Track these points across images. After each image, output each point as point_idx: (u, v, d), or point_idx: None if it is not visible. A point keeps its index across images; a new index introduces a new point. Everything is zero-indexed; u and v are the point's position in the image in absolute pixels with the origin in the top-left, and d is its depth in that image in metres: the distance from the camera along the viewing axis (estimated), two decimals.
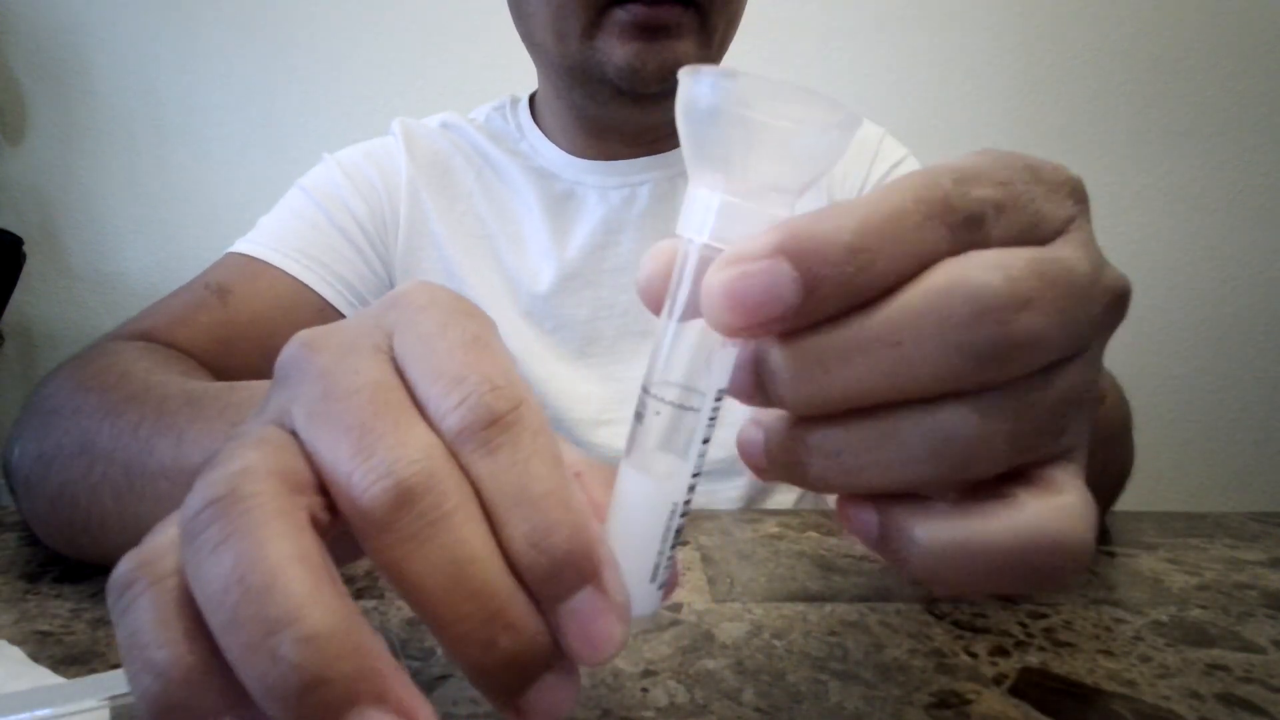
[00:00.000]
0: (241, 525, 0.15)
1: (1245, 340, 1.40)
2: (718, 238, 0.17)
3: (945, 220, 0.16)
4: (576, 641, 0.16)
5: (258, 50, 1.33)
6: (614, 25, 0.51)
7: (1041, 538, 0.16)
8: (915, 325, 0.15)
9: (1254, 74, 1.32)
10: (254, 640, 0.14)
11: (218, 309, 0.51)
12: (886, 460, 0.16)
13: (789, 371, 0.16)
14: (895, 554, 0.17)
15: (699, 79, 0.16)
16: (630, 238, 0.60)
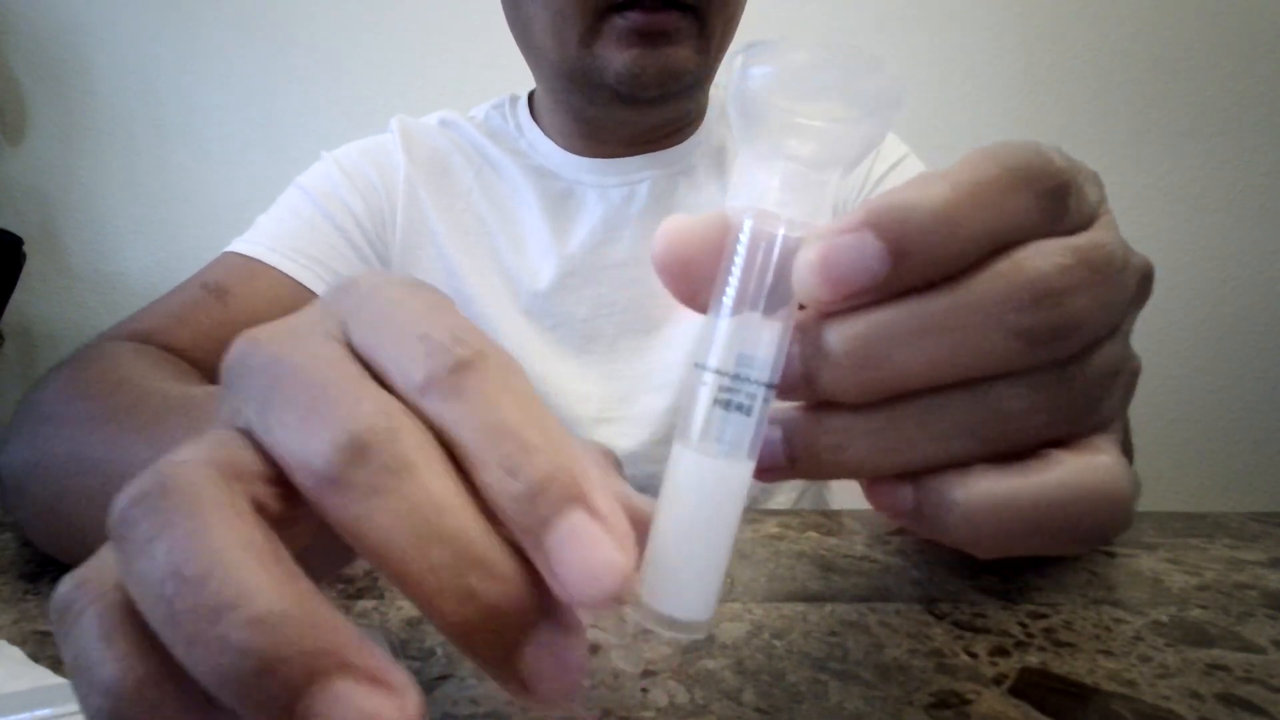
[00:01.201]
0: (173, 517, 0.13)
1: (1245, 340, 1.40)
2: (779, 207, 0.17)
3: (1033, 189, 0.16)
4: (571, 573, 0.14)
5: (258, 50, 1.33)
6: (613, 31, 0.51)
7: (1085, 491, 0.16)
8: (976, 308, 0.16)
9: (1254, 74, 1.32)
10: (198, 631, 0.13)
11: (216, 309, 0.51)
12: (929, 438, 0.16)
13: (850, 356, 0.16)
14: (932, 522, 0.17)
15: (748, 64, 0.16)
16: (630, 235, 0.60)
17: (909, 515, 0.17)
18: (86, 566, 0.15)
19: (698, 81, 0.55)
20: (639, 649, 0.30)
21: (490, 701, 0.26)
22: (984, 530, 0.16)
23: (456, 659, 0.29)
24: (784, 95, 0.16)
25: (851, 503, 0.51)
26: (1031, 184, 0.16)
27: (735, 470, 0.17)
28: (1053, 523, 0.16)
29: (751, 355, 0.17)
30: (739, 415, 0.17)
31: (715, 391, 0.17)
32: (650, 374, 0.58)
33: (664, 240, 0.18)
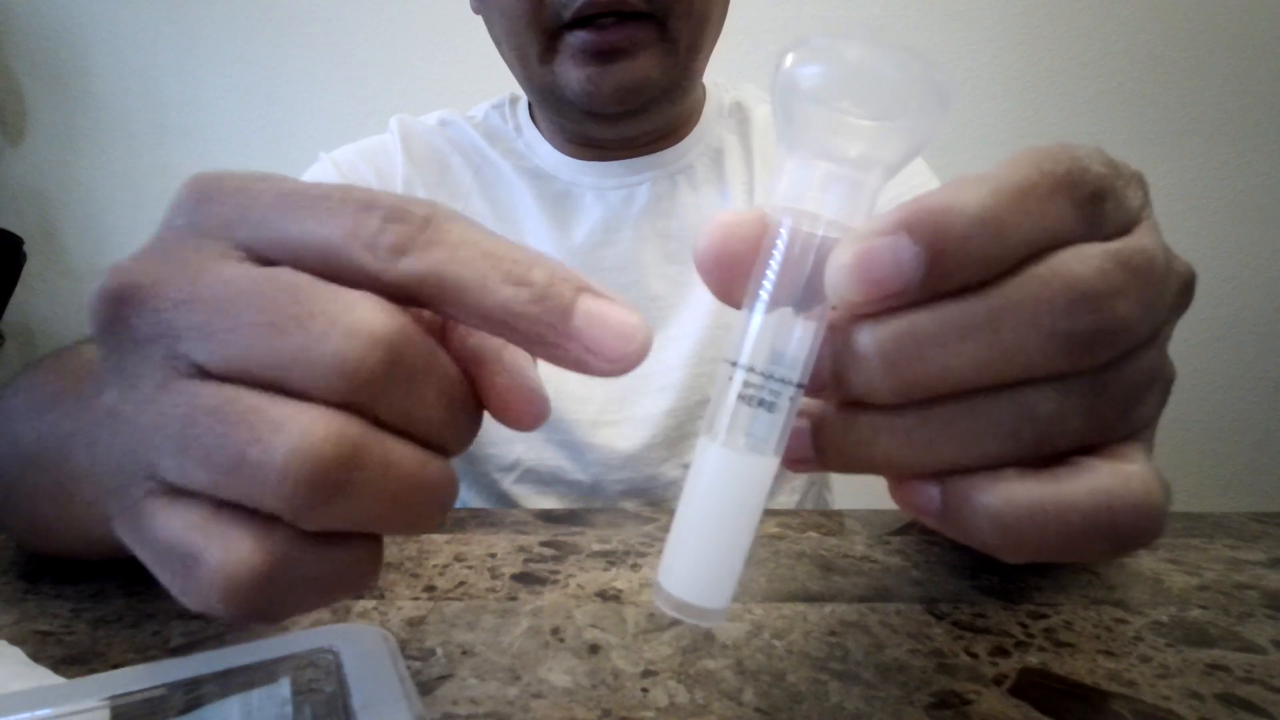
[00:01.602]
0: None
1: (1245, 340, 1.40)
2: (819, 207, 0.16)
3: (1071, 195, 0.16)
4: (604, 340, 0.16)
5: (258, 50, 1.33)
6: (567, 50, 0.51)
7: (1119, 499, 0.16)
8: (1014, 312, 0.15)
9: (1254, 74, 1.32)
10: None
11: None
12: (959, 439, 0.16)
13: (883, 357, 0.16)
14: (960, 524, 0.17)
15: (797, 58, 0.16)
16: (628, 237, 0.60)
17: (935, 516, 0.17)
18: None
19: (668, 89, 0.54)
20: (639, 648, 0.30)
21: (490, 702, 0.26)
22: (1013, 536, 0.16)
23: (456, 659, 0.29)
24: (832, 95, 0.16)
25: (852, 503, 0.51)
26: (1069, 190, 0.16)
27: (760, 466, 0.17)
28: (1084, 531, 0.16)
29: (782, 354, 0.17)
30: (766, 412, 0.17)
31: (743, 388, 0.17)
32: (650, 376, 0.58)
33: (706, 237, 0.18)
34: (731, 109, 0.65)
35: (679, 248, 0.60)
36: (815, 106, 0.16)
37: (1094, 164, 0.16)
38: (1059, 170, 0.16)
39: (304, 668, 0.24)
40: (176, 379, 0.15)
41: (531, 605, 0.33)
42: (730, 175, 0.62)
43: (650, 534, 0.41)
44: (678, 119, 0.61)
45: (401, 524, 0.16)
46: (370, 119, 0.67)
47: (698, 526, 0.18)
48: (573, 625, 0.31)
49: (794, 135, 0.17)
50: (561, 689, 0.27)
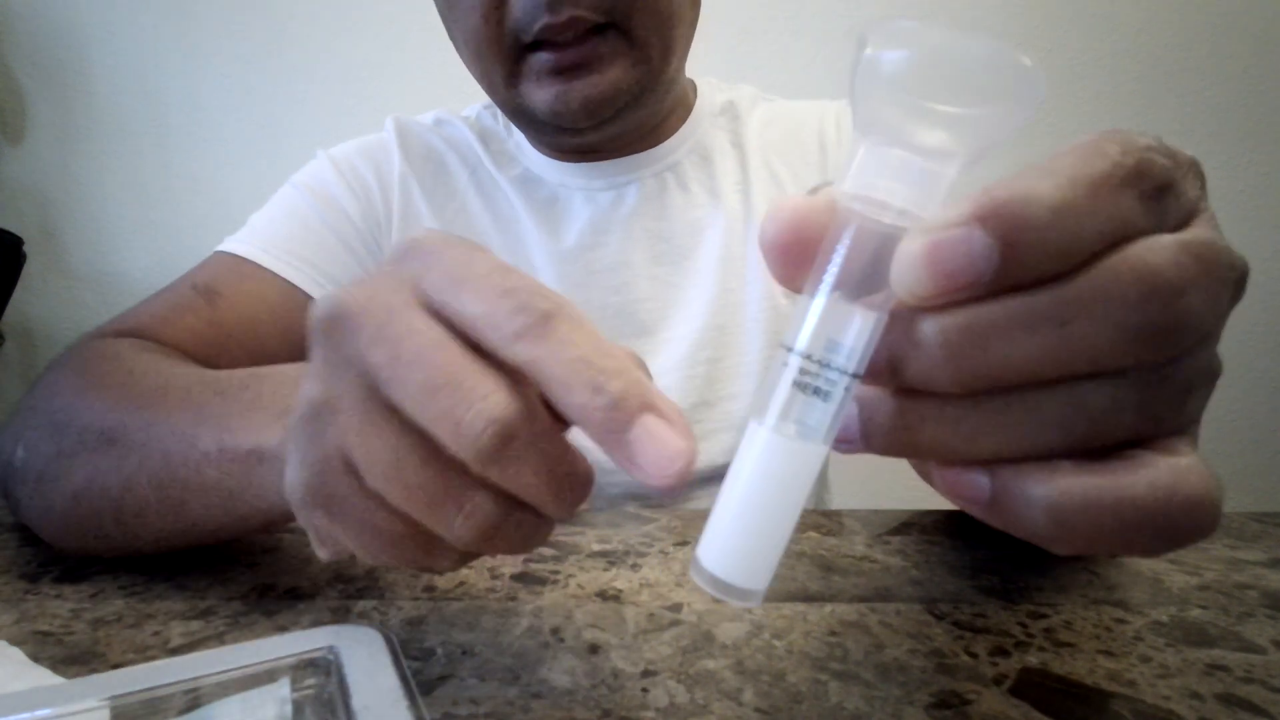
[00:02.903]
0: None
1: (1245, 340, 1.40)
2: (891, 196, 0.16)
3: (1139, 187, 0.16)
4: (650, 459, 0.18)
5: (258, 50, 1.33)
6: (532, 70, 0.51)
7: (1178, 494, 0.16)
8: (1085, 304, 0.15)
9: (1254, 74, 1.32)
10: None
11: (205, 311, 0.51)
12: (1013, 427, 0.16)
13: (947, 348, 0.16)
14: (1010, 515, 0.17)
15: (880, 43, 0.16)
16: (617, 238, 0.60)
17: (983, 505, 0.17)
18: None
19: (640, 95, 0.53)
20: (639, 648, 0.30)
21: (490, 702, 0.26)
22: (1067, 528, 0.16)
23: (456, 659, 0.29)
24: (913, 80, 0.15)
25: (851, 503, 0.51)
26: (1138, 182, 0.16)
27: (808, 453, 0.17)
28: (1140, 525, 0.16)
29: (840, 343, 0.17)
30: (820, 401, 0.17)
31: (799, 374, 0.17)
32: None
33: (774, 222, 0.18)
34: (723, 108, 0.65)
35: (668, 249, 0.60)
36: (893, 92, 0.16)
37: (1159, 155, 0.16)
38: (1129, 162, 0.16)
39: (304, 668, 0.24)
40: (370, 399, 0.20)
41: (531, 605, 0.33)
42: (721, 176, 0.61)
43: (650, 534, 0.41)
44: (656, 118, 0.60)
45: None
46: (369, 119, 0.67)
47: (742, 509, 0.18)
48: (573, 625, 0.31)
49: (871, 122, 0.16)
50: (561, 689, 0.27)
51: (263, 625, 0.31)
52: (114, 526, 0.34)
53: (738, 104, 0.65)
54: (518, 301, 0.19)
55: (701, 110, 0.64)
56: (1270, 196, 1.36)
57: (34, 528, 0.38)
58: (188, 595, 0.34)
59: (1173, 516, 0.15)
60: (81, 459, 0.35)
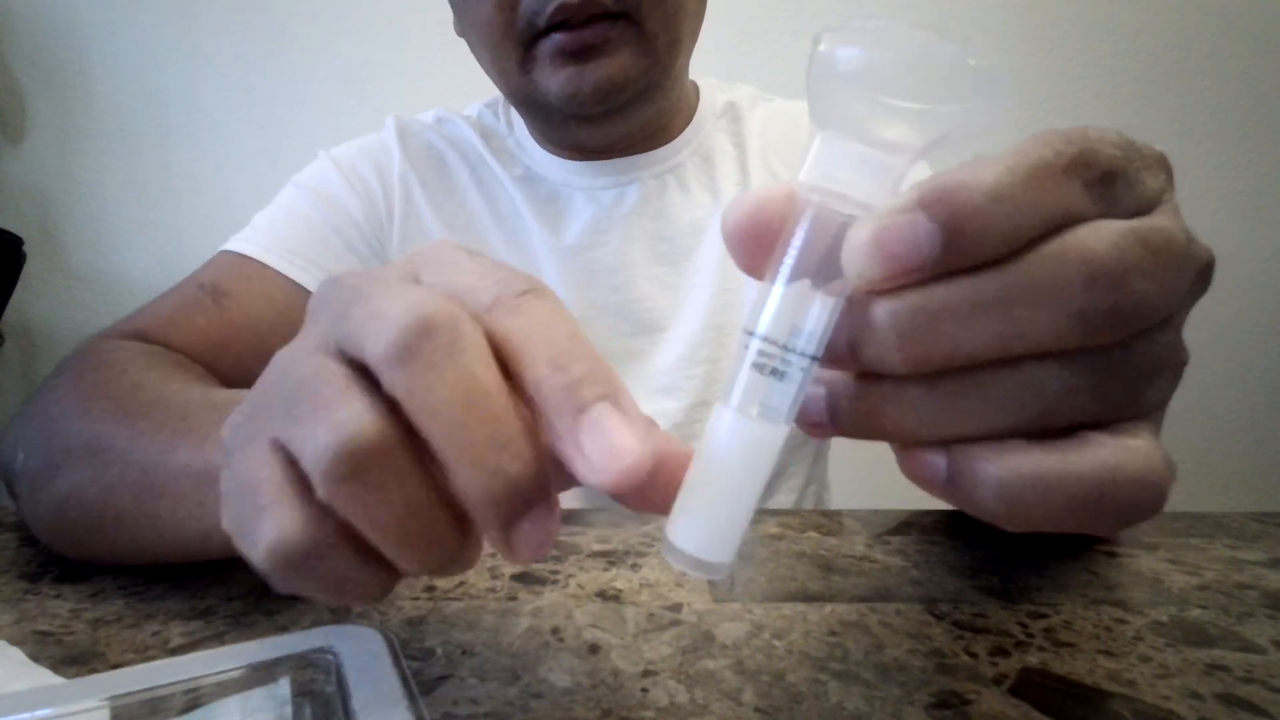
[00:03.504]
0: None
1: (1245, 340, 1.40)
2: (847, 188, 0.17)
3: (1083, 175, 0.16)
4: (597, 451, 0.17)
5: (258, 50, 1.33)
6: (544, 55, 0.51)
7: (1122, 473, 0.16)
8: (1029, 287, 0.15)
9: (1254, 74, 1.32)
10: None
11: (212, 310, 0.51)
12: (969, 409, 0.17)
13: (898, 330, 0.16)
14: (964, 493, 0.17)
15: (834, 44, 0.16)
16: (618, 238, 0.60)
17: (941, 485, 0.17)
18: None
19: (648, 87, 0.54)
20: (639, 648, 0.30)
21: (490, 702, 0.26)
22: (1016, 506, 0.16)
23: (456, 659, 0.29)
24: (867, 75, 0.16)
25: (851, 503, 0.51)
26: (1080, 170, 0.16)
27: (770, 433, 0.18)
28: (1086, 502, 0.16)
29: (800, 327, 0.17)
30: (778, 382, 0.18)
31: (758, 357, 0.18)
32: (646, 377, 0.58)
33: (736, 211, 0.18)
34: (724, 109, 0.65)
35: (669, 249, 0.60)
36: (848, 86, 0.16)
37: (1107, 145, 0.17)
38: (1071, 150, 0.16)
39: (304, 668, 0.24)
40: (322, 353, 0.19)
41: (531, 605, 0.33)
42: (721, 177, 0.62)
43: (650, 534, 0.41)
44: (663, 117, 0.61)
45: (396, 544, 0.18)
46: (369, 119, 0.67)
47: (708, 487, 0.18)
48: (573, 625, 0.31)
49: (826, 115, 0.17)
50: (561, 689, 0.27)
51: (263, 625, 0.31)
52: (95, 536, 0.34)
53: (738, 105, 0.65)
54: (499, 278, 0.19)
55: (704, 112, 0.64)
56: (1270, 196, 1.36)
57: (33, 531, 0.38)
58: (188, 595, 0.34)
59: (1117, 495, 0.16)
60: (68, 467, 0.35)
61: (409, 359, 0.17)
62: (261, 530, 0.18)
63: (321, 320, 0.20)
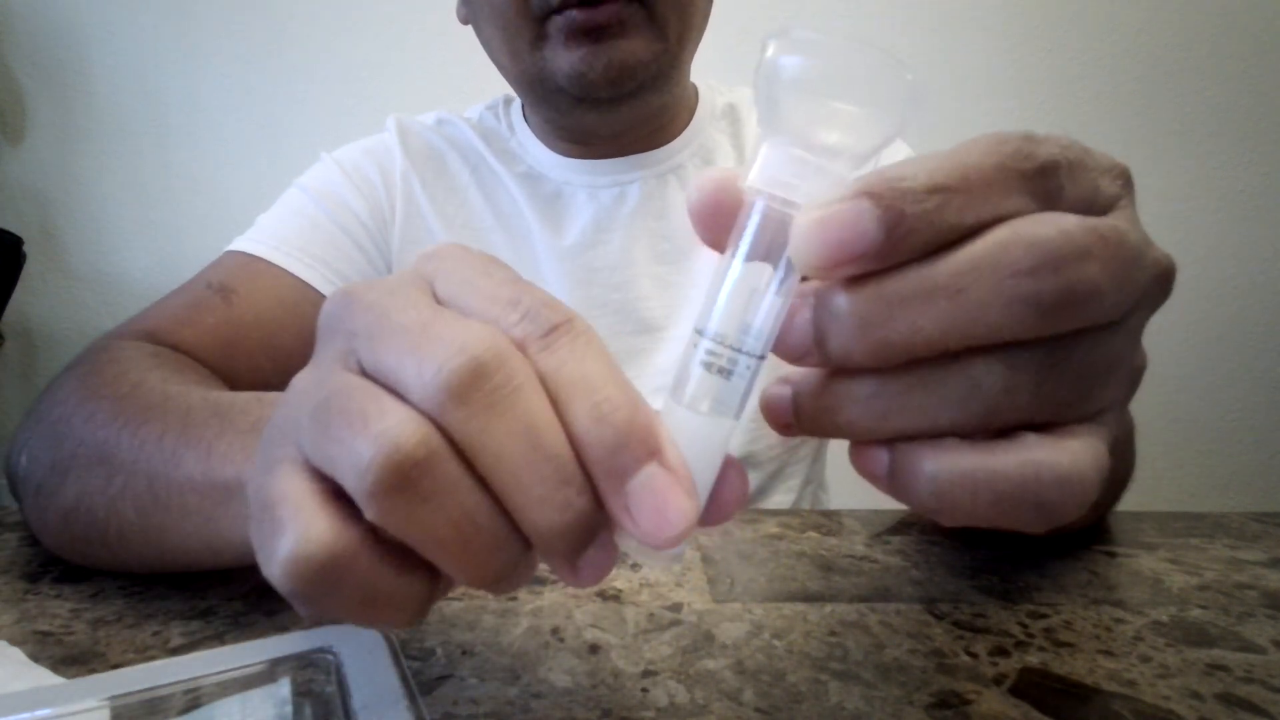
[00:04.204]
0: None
1: (1245, 340, 1.40)
2: (789, 191, 0.17)
3: (1019, 168, 0.17)
4: (648, 517, 0.16)
5: (258, 50, 1.33)
6: (557, 33, 0.51)
7: (1045, 470, 0.16)
8: (978, 272, 0.16)
9: (1254, 74, 1.32)
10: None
11: (221, 309, 0.51)
12: (915, 406, 0.17)
13: (858, 318, 0.17)
14: (904, 488, 0.18)
15: (780, 50, 0.17)
16: (620, 237, 0.60)
17: (884, 479, 0.18)
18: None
19: (657, 74, 0.54)
20: (639, 648, 0.30)
21: (490, 702, 0.26)
22: (947, 500, 0.17)
23: (456, 659, 0.29)
24: (814, 85, 0.17)
25: (849, 502, 0.51)
26: (1016, 163, 0.16)
27: (719, 428, 0.19)
28: (1011, 499, 0.16)
29: (747, 326, 0.18)
30: (725, 380, 0.18)
31: (707, 355, 0.18)
32: (646, 376, 0.58)
33: (697, 190, 0.19)
34: (724, 111, 0.65)
35: (670, 248, 0.60)
36: (793, 92, 0.17)
37: (1047, 144, 0.17)
38: (1006, 148, 0.17)
39: (304, 668, 0.24)
40: (346, 370, 0.18)
41: (531, 605, 0.33)
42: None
43: None
44: (666, 111, 0.61)
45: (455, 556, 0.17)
46: (370, 119, 0.67)
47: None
48: (573, 625, 0.31)
49: (773, 121, 0.18)
50: (561, 689, 0.27)
51: (263, 625, 0.31)
52: (100, 549, 0.34)
53: (738, 106, 0.65)
54: (525, 308, 0.18)
55: (704, 113, 0.64)
56: (1270, 196, 1.36)
57: (36, 535, 0.38)
58: (188, 595, 0.34)
59: (1040, 493, 0.16)
60: (74, 475, 0.34)
61: (462, 402, 0.16)
62: (280, 543, 0.16)
63: (338, 339, 0.19)
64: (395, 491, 0.16)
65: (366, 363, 0.18)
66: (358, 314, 0.18)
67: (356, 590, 0.17)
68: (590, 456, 0.17)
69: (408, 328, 0.17)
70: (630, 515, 0.17)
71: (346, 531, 0.17)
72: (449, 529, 0.16)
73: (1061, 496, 0.16)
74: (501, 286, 0.19)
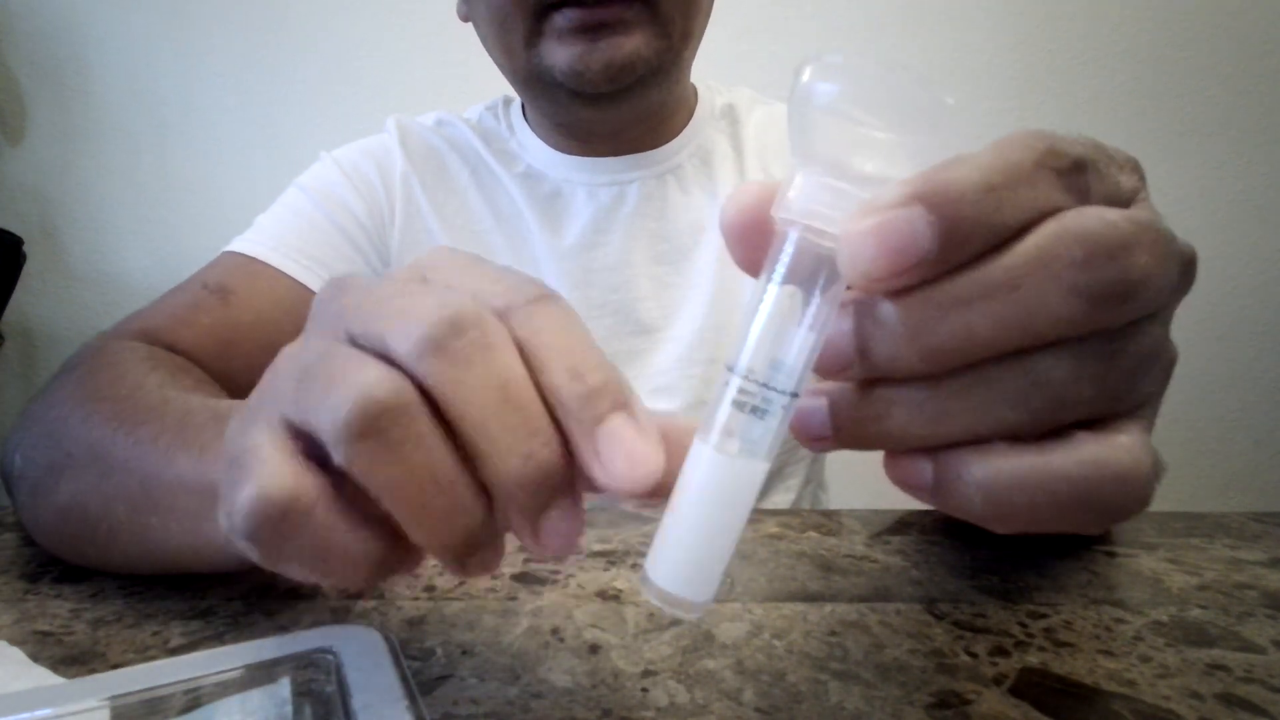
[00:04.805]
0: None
1: (1245, 340, 1.40)
2: (825, 222, 0.17)
3: (1055, 166, 0.16)
4: (615, 461, 0.17)
5: (257, 50, 1.33)
6: (553, 30, 0.50)
7: (1103, 469, 0.16)
8: (1033, 268, 0.15)
9: (1254, 74, 1.32)
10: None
11: (219, 310, 0.51)
12: (972, 408, 0.16)
13: (910, 325, 0.16)
14: (951, 497, 0.17)
15: (815, 76, 0.17)
16: (619, 238, 0.60)
17: (928, 490, 0.17)
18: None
19: (658, 71, 0.53)
20: (639, 648, 0.30)
21: (490, 702, 0.26)
22: (1003, 507, 0.16)
23: (456, 659, 0.29)
24: (849, 111, 0.16)
25: (848, 502, 0.51)
26: (1052, 161, 0.16)
27: (749, 470, 0.18)
28: (1070, 501, 0.16)
29: (779, 363, 0.17)
30: (759, 420, 0.17)
31: (738, 394, 0.17)
32: (645, 377, 0.58)
33: (734, 203, 0.19)
34: (723, 111, 0.65)
35: (669, 249, 0.60)
36: (827, 118, 0.16)
37: (1073, 142, 0.17)
38: (1041, 146, 0.16)
39: (304, 668, 0.24)
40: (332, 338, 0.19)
41: (531, 605, 0.33)
42: (720, 177, 0.62)
43: (650, 534, 0.41)
44: (666, 109, 0.60)
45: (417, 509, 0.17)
46: (369, 119, 0.67)
47: (687, 525, 0.18)
48: (573, 625, 0.31)
49: (807, 149, 0.17)
50: (561, 689, 0.27)
51: (263, 625, 0.31)
52: (90, 547, 0.34)
53: (736, 107, 0.65)
54: (511, 283, 0.19)
55: (703, 113, 0.64)
56: (1270, 197, 1.36)
57: (31, 534, 0.38)
58: (188, 595, 0.34)
59: (1099, 492, 0.16)
60: (68, 475, 0.34)
61: (439, 353, 0.17)
62: (243, 489, 0.17)
63: (328, 317, 0.19)
64: (366, 436, 0.16)
65: (355, 332, 0.18)
66: (349, 294, 0.19)
67: (312, 539, 0.17)
68: (564, 408, 0.17)
69: (394, 297, 0.18)
70: (600, 460, 0.17)
71: (309, 479, 0.17)
72: (413, 480, 0.17)
73: (1122, 495, 0.16)
74: (486, 270, 0.20)
